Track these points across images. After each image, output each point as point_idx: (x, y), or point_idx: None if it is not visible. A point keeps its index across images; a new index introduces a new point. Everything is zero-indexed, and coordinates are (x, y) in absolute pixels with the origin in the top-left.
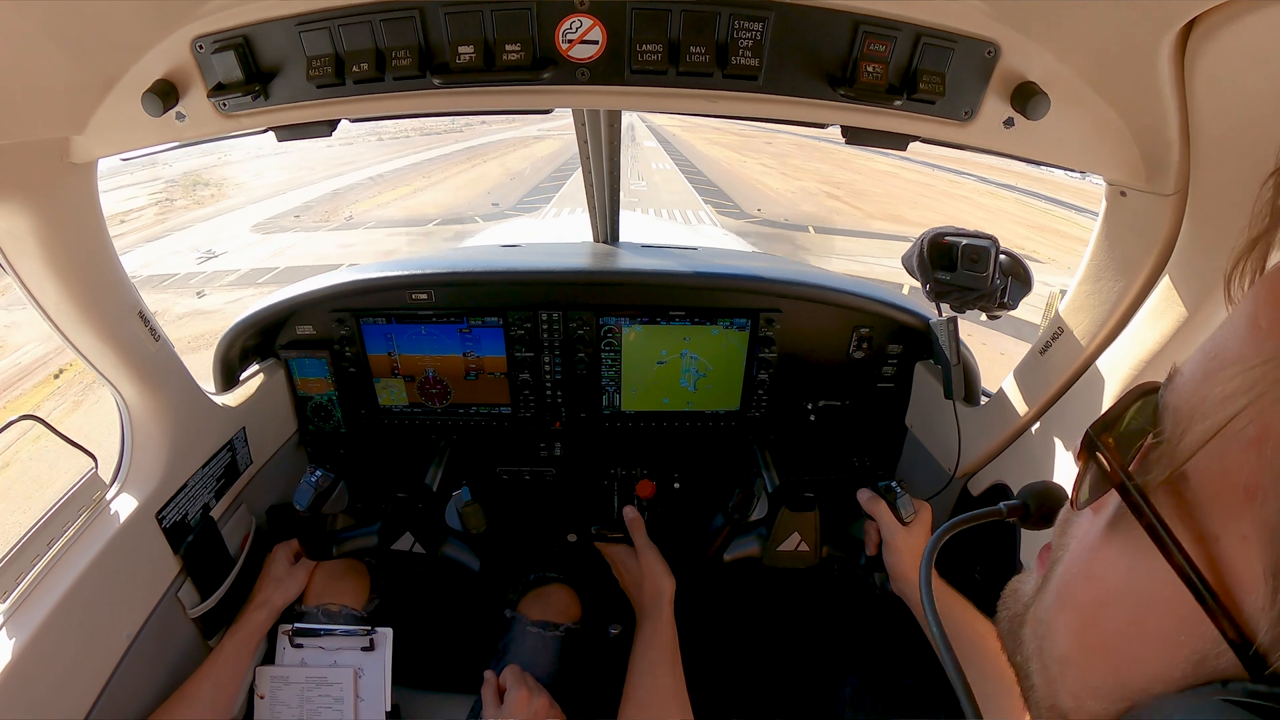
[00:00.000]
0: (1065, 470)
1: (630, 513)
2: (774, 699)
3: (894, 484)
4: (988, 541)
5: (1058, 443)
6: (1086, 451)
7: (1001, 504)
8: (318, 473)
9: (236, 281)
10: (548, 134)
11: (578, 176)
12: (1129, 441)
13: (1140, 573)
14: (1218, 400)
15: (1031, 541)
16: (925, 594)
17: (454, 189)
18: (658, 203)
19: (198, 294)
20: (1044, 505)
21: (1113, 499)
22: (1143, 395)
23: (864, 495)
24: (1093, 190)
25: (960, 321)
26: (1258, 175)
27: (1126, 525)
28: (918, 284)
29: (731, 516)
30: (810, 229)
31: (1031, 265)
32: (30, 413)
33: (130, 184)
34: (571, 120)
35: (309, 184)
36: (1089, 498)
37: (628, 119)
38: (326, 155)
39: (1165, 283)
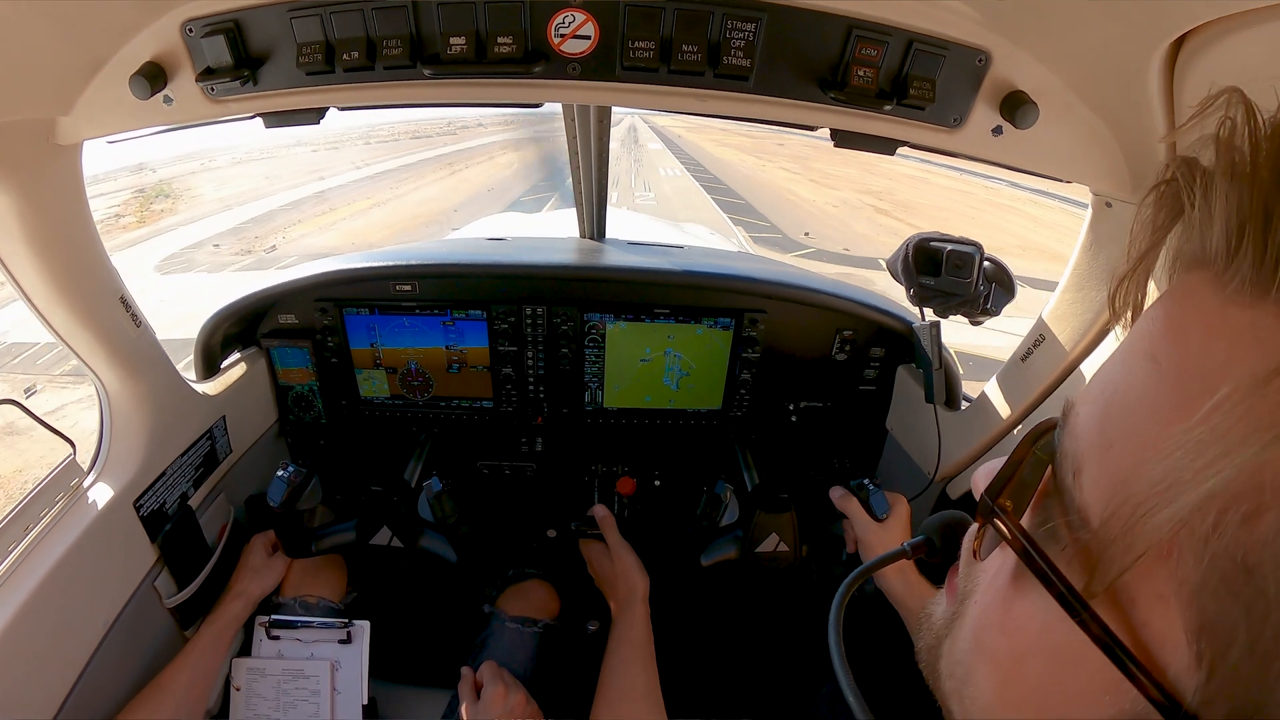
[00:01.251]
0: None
1: (600, 511)
2: (752, 698)
3: (866, 481)
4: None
5: None
6: (984, 518)
7: (905, 544)
8: (289, 468)
9: None
10: (541, 136)
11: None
12: (1026, 487)
13: (1056, 630)
14: (1153, 531)
15: None
16: (833, 640)
17: (419, 202)
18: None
19: None
20: (950, 539)
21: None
22: (1040, 436)
23: (836, 493)
24: None
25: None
26: None
27: (1034, 579)
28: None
29: (699, 524)
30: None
31: None
32: (9, 397)
33: (95, 194)
34: (556, 126)
35: (261, 197)
36: (989, 552)
37: (629, 120)
38: (308, 161)
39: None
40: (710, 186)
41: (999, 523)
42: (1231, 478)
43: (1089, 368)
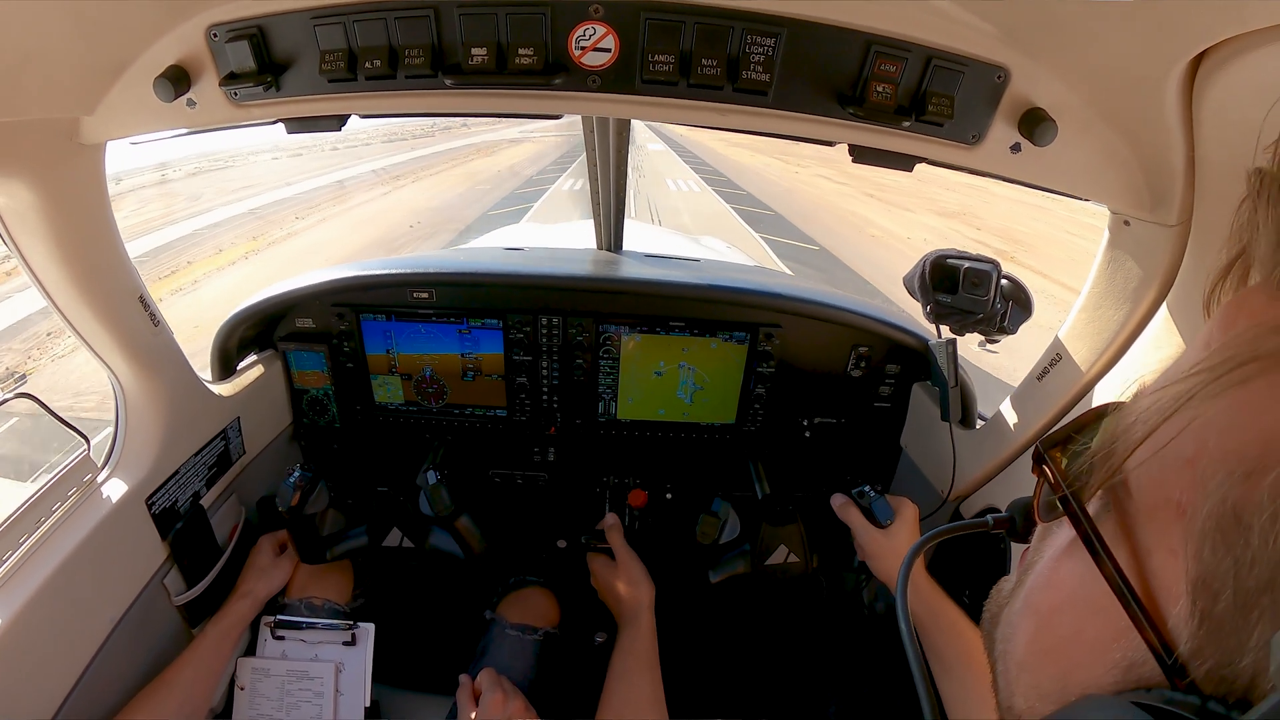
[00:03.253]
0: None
1: (610, 519)
2: (761, 708)
3: (867, 488)
4: (978, 563)
5: None
6: (1036, 465)
7: (989, 516)
8: (296, 473)
9: None
10: (528, 136)
11: (554, 193)
12: (1090, 464)
13: (1088, 581)
14: (1145, 409)
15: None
16: (900, 598)
17: (367, 217)
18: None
19: None
20: (1031, 519)
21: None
22: (1103, 415)
23: (837, 501)
24: None
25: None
26: None
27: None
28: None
29: (699, 542)
30: None
31: None
32: (25, 391)
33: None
34: (551, 125)
35: (176, 221)
36: (1047, 512)
37: None
38: (285, 166)
39: (1164, 313)
40: (750, 212)
41: (1046, 470)
42: (1233, 431)
43: (1107, 386)
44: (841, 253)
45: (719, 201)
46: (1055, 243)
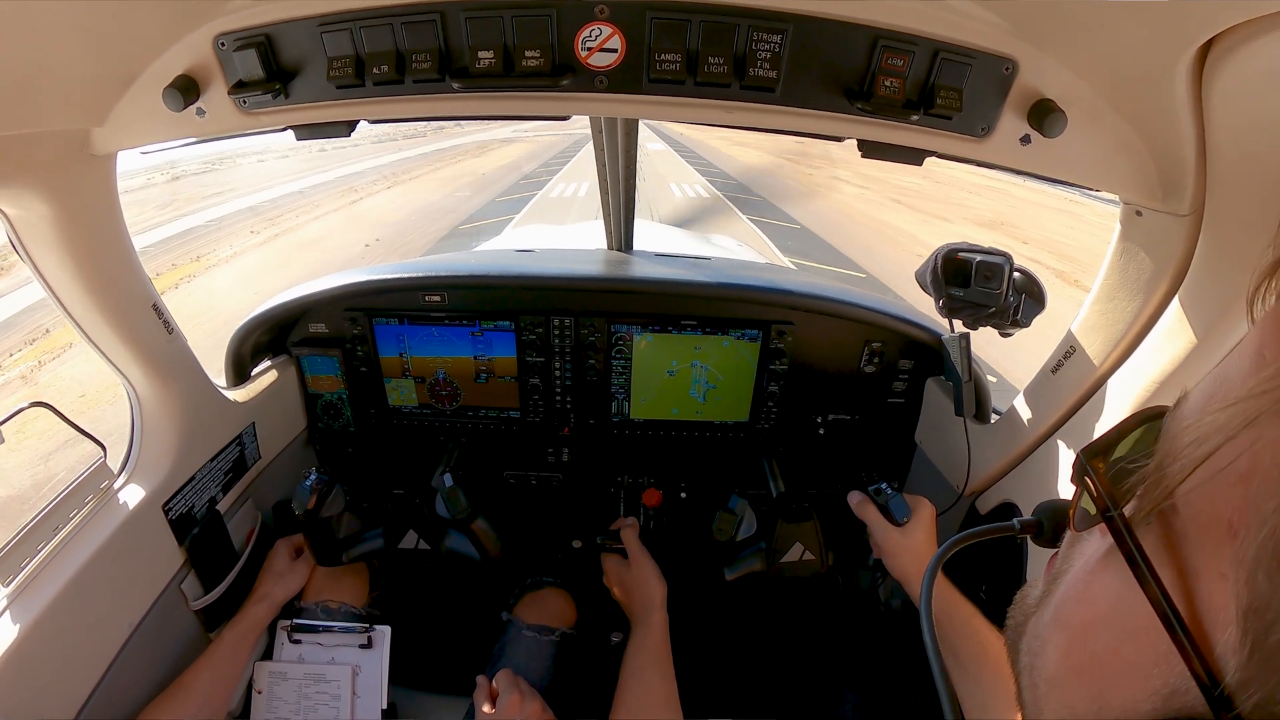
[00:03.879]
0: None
1: (627, 519)
2: (773, 711)
3: (884, 486)
4: (994, 560)
5: (1066, 464)
6: (1076, 476)
7: (1015, 520)
8: (312, 476)
9: None
10: (520, 136)
11: (541, 200)
12: (1130, 470)
13: (1126, 600)
14: (1206, 430)
15: (1038, 562)
16: (924, 606)
17: (322, 233)
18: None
19: None
20: (1059, 523)
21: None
22: (1147, 420)
23: (854, 499)
24: None
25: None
26: (1273, 197)
27: (1121, 556)
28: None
29: (715, 539)
30: None
31: None
32: (41, 400)
33: None
34: (545, 125)
35: (163, 223)
36: (1084, 523)
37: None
38: (271, 168)
39: (1178, 304)
40: (774, 226)
41: (1089, 482)
42: None
43: (1121, 379)
44: (892, 280)
45: (737, 214)
46: (1084, 248)
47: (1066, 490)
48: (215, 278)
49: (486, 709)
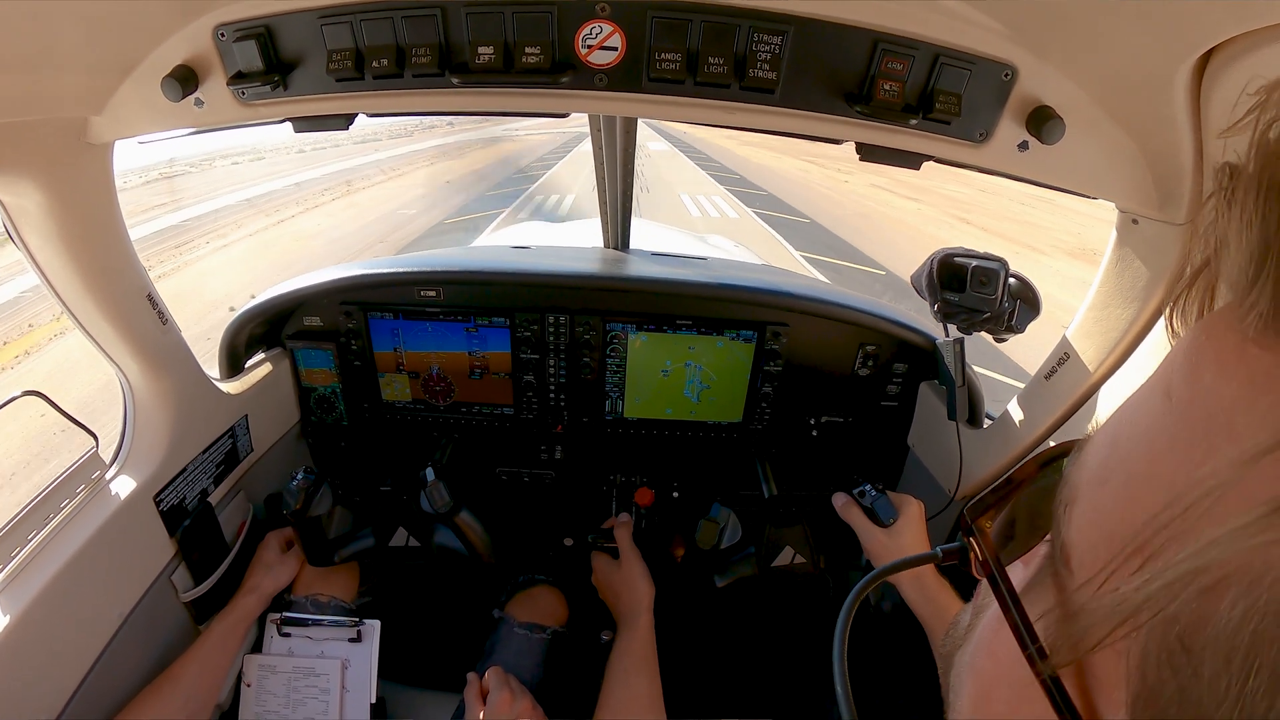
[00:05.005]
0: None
1: (621, 518)
2: (763, 712)
3: (868, 488)
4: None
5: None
6: (964, 534)
7: (938, 549)
8: (299, 476)
9: None
10: (511, 135)
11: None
12: (1032, 508)
13: (1021, 666)
14: (1116, 611)
15: None
16: (836, 648)
17: (233, 260)
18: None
19: None
20: None
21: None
22: (1044, 465)
23: (839, 500)
24: None
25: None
26: None
27: None
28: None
29: (699, 548)
30: None
31: None
32: (33, 389)
33: None
34: (536, 123)
35: None
36: (983, 573)
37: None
38: (245, 171)
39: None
40: (846, 268)
41: (974, 542)
42: (1202, 561)
43: (1113, 387)
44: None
45: (784, 246)
46: None
47: None
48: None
49: (477, 706)
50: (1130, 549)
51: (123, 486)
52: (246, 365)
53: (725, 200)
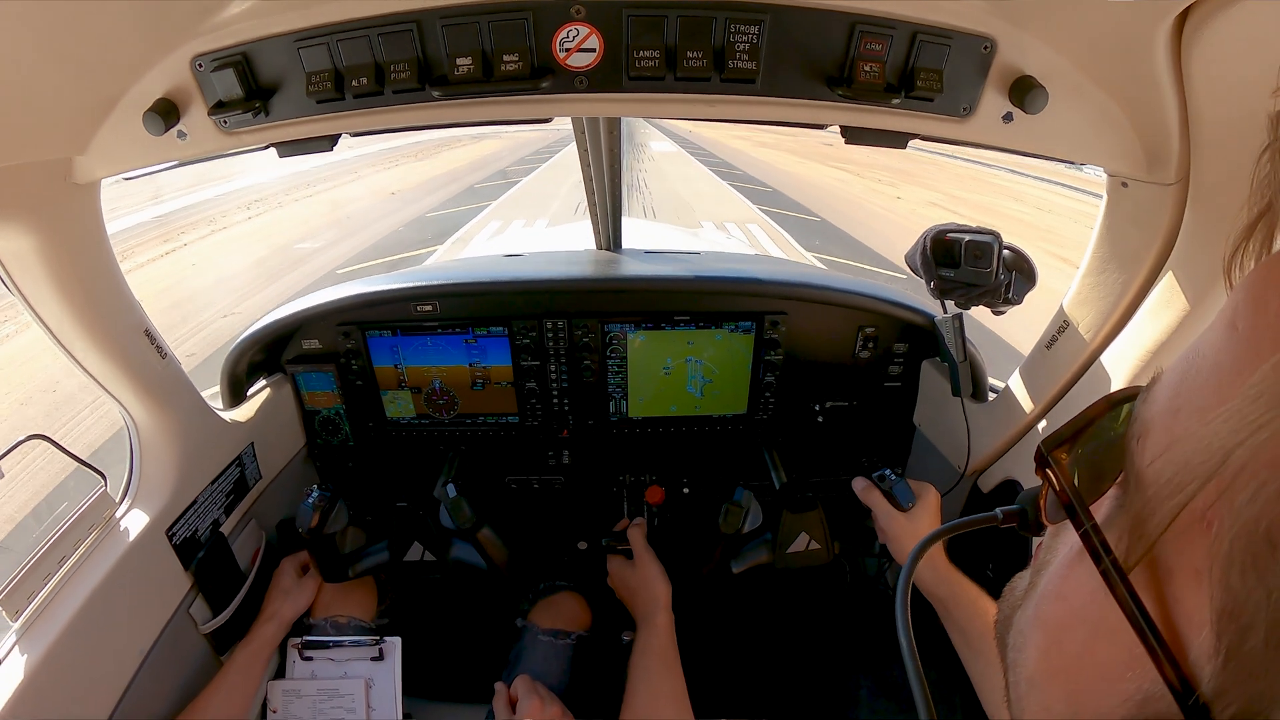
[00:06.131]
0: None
1: (633, 520)
2: (788, 702)
3: (888, 472)
4: (1000, 537)
5: None
6: (1039, 468)
7: (998, 510)
8: (314, 493)
9: None
10: (479, 137)
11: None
12: (1100, 455)
13: (1099, 597)
14: (1182, 476)
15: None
16: (900, 598)
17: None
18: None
19: None
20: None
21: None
22: (1116, 404)
23: (859, 485)
24: None
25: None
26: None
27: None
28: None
29: (722, 532)
30: None
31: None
32: (39, 433)
33: None
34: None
35: None
36: (1054, 515)
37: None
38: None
39: (1168, 274)
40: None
41: (1050, 473)
42: (1273, 442)
43: (1116, 350)
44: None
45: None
46: None
47: None
48: None
49: (506, 715)
50: (1207, 469)
51: (134, 523)
52: (249, 393)
53: (765, 231)
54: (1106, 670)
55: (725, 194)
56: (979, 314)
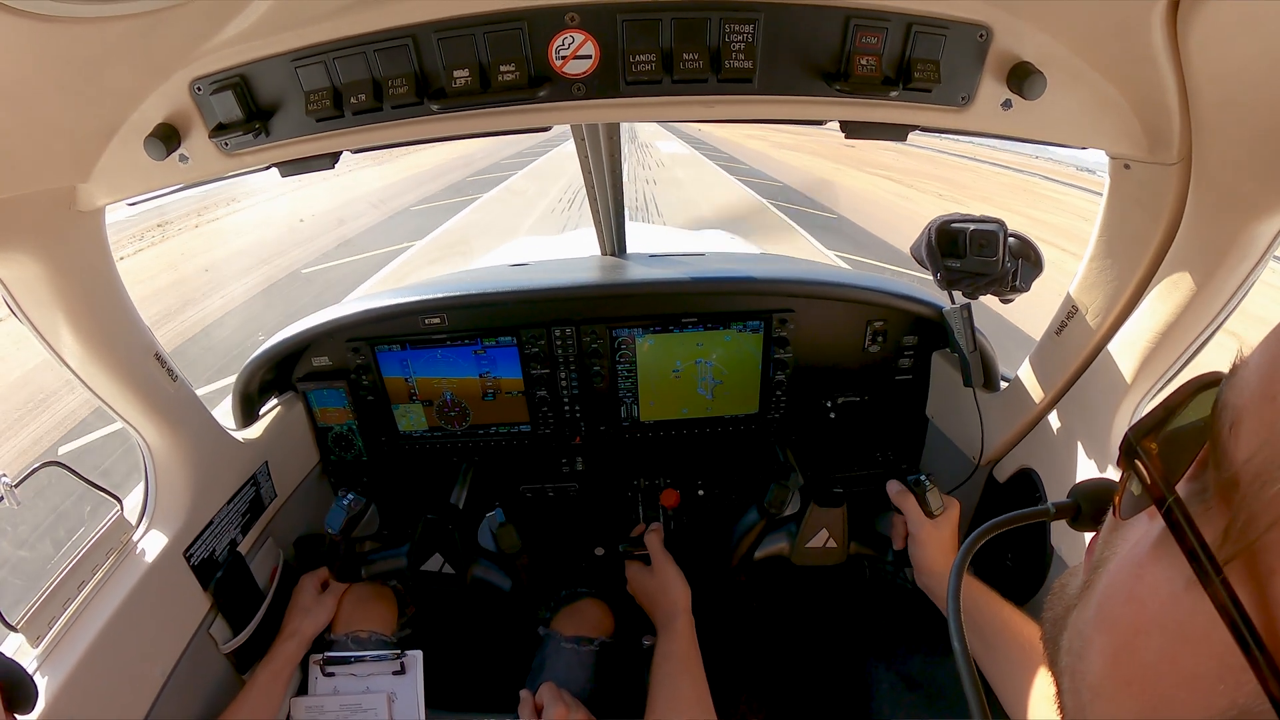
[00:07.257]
0: (1088, 453)
1: (651, 525)
2: (807, 696)
3: (923, 477)
4: (1018, 527)
5: (1079, 425)
6: (1125, 459)
7: (1050, 504)
8: (349, 496)
9: None
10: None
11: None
12: (1181, 445)
13: (1184, 600)
14: None
15: (1061, 531)
16: (953, 594)
17: None
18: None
19: None
20: (1097, 506)
21: None
22: (1198, 390)
23: (894, 488)
24: None
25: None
26: (1259, 137)
27: (1172, 546)
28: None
29: (767, 511)
30: None
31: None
32: (54, 459)
33: None
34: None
35: None
36: (1131, 510)
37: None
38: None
39: (1175, 254)
40: None
41: (1140, 466)
42: None
43: (1126, 334)
44: None
45: None
46: None
47: (1081, 453)
48: None
49: None
50: None
51: (152, 545)
52: (260, 412)
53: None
54: (1192, 681)
55: (747, 196)
56: (985, 301)
